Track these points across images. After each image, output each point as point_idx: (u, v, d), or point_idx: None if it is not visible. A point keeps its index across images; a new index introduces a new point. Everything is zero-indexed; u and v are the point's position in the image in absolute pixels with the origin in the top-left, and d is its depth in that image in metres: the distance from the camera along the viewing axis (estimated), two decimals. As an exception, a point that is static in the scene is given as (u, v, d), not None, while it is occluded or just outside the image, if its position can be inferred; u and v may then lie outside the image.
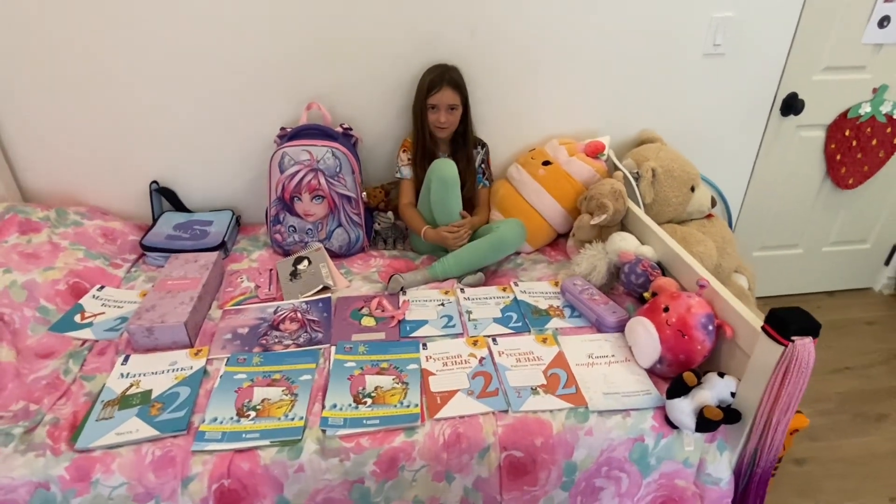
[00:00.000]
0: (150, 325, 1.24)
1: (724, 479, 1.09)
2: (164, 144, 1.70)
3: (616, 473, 1.10)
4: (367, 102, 1.72)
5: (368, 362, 1.22)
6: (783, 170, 2.09)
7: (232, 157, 1.76)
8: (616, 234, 1.45)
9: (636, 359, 1.21)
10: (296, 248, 1.65)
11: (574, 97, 1.83)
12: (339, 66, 1.65)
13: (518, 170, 1.76)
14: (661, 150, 1.72)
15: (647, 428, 1.09)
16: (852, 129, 2.02)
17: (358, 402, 1.12)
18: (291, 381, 1.17)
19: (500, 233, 1.50)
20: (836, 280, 2.44)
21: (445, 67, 1.59)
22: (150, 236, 1.63)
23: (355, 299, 1.46)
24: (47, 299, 1.34)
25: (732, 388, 1.08)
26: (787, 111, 1.95)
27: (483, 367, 1.21)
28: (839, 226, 2.27)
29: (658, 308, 1.18)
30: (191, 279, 1.41)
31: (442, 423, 1.07)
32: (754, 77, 1.87)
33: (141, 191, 1.76)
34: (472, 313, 1.39)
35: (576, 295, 1.40)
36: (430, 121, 1.60)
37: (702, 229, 1.70)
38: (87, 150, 1.67)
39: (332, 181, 1.58)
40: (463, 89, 1.59)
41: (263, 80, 1.64)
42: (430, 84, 1.56)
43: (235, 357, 1.23)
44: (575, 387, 1.16)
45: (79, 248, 1.51)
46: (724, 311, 1.14)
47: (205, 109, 1.66)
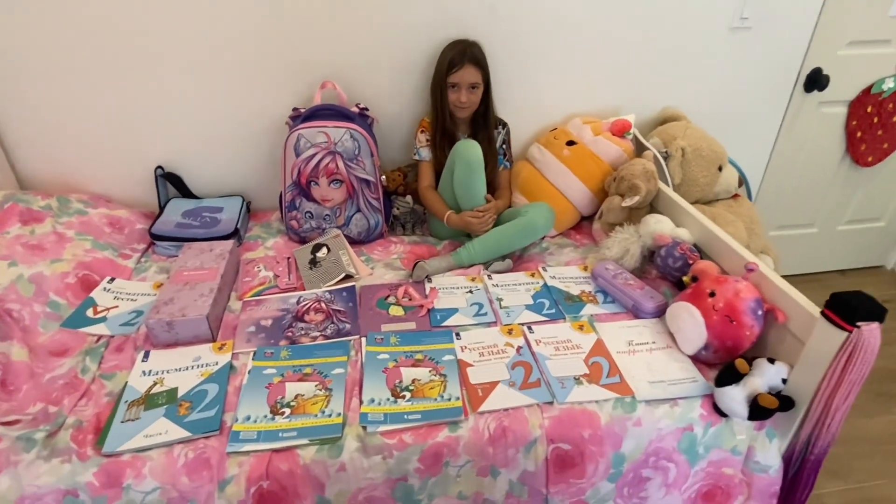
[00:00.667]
0: (170, 319, 1.17)
1: (774, 466, 1.07)
2: (168, 127, 1.62)
3: (664, 463, 1.08)
4: (383, 81, 1.64)
5: (402, 354, 1.18)
6: (803, 148, 2.05)
7: (241, 140, 1.67)
8: (650, 217, 1.40)
9: (679, 345, 1.17)
10: (313, 234, 1.59)
11: (594, 74, 1.76)
12: (354, 43, 1.57)
13: (540, 150, 1.70)
14: (687, 128, 1.67)
15: (696, 417, 1.06)
16: (874, 105, 1.98)
17: (396, 396, 1.07)
18: (324, 375, 1.12)
19: (528, 217, 1.45)
20: (849, 259, 2.43)
21: (467, 43, 1.51)
22: (159, 225, 1.55)
23: (380, 288, 1.40)
24: (57, 293, 1.27)
25: (784, 375, 1.05)
26: (810, 87, 1.90)
27: (522, 357, 1.17)
28: (855, 204, 2.24)
29: (703, 293, 1.14)
30: (208, 269, 1.34)
31: (486, 417, 1.03)
32: (780, 52, 1.82)
33: (145, 176, 1.67)
34: (503, 300, 1.35)
35: (609, 280, 1.36)
36: (451, 100, 1.53)
37: (729, 210, 1.66)
38: (88, 134, 1.58)
39: (350, 164, 1.51)
40: (485, 67, 1.52)
41: (273, 59, 1.55)
42: (451, 61, 1.48)
43: (262, 351, 1.18)
44: (619, 376, 1.12)
45: (86, 239, 1.43)
46: (773, 296, 1.10)
47: (211, 90, 1.57)
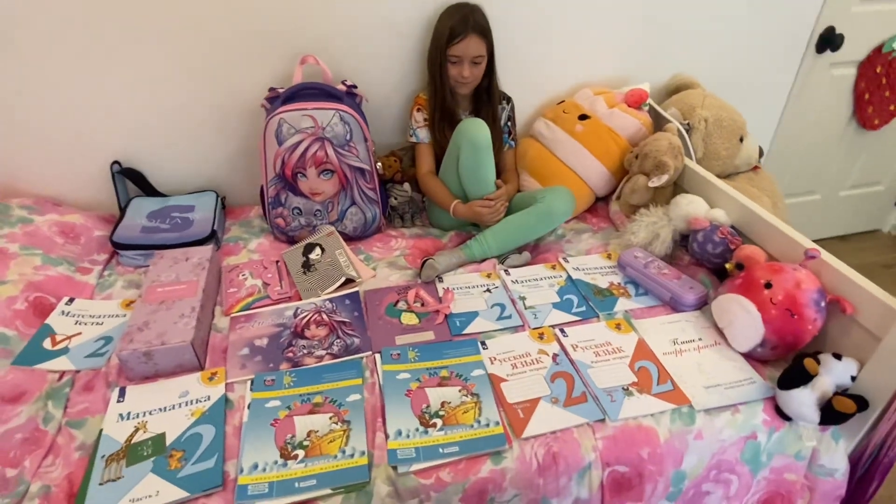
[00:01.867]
0: (147, 348, 0.99)
1: (840, 469, 0.98)
2: (124, 115, 1.39)
3: (726, 476, 0.98)
4: (371, 54, 1.44)
5: (424, 371, 1.03)
6: (811, 112, 1.96)
7: (209, 126, 1.46)
8: (681, 197, 1.28)
9: (730, 342, 1.06)
10: (302, 233, 1.40)
11: (601, 39, 1.61)
12: (336, 9, 1.36)
13: (549, 126, 1.54)
14: (706, 97, 1.54)
15: (759, 423, 0.96)
16: (884, 65, 1.90)
17: (426, 425, 0.93)
18: (338, 405, 0.96)
19: (546, 203, 1.30)
20: (847, 224, 2.40)
21: (468, 9, 1.33)
22: (122, 230, 1.34)
23: (387, 291, 1.24)
24: (4, 323, 1.06)
25: (853, 372, 0.95)
26: (822, 47, 1.79)
27: (560, 367, 1.04)
28: (858, 169, 2.19)
29: (756, 283, 1.03)
30: (186, 283, 1.15)
31: (532, 443, 0.90)
32: (793, 10, 1.70)
33: (99, 173, 1.44)
34: (527, 299, 1.21)
35: (640, 269, 1.24)
36: (452, 75, 1.35)
37: (751, 184, 1.56)
38: (28, 125, 1.34)
39: (341, 151, 1.32)
40: (489, 36, 1.34)
41: (244, 30, 1.33)
42: (452, 31, 1.30)
43: (261, 378, 1.01)
44: (670, 382, 1.00)
45: (34, 253, 1.21)
46: (836, 285, 1.00)
47: (173, 70, 1.35)
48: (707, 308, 1.17)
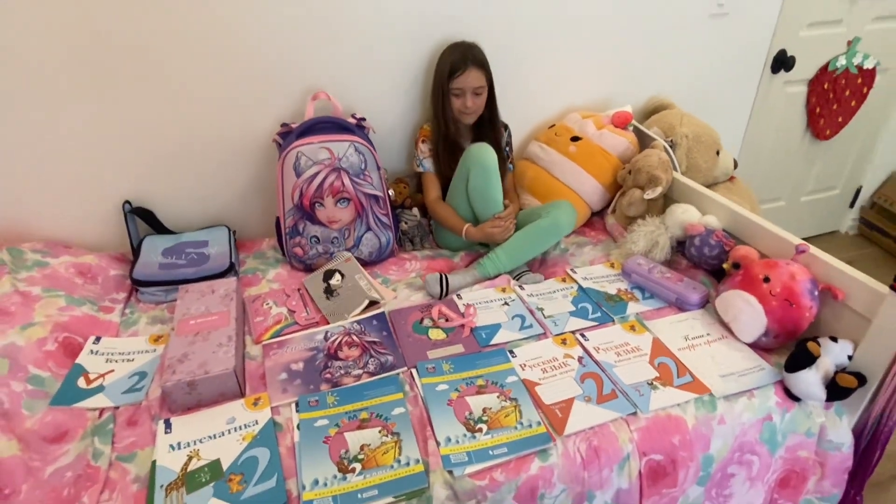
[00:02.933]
0: (191, 378, 1.00)
1: (846, 443, 1.08)
2: (133, 154, 1.41)
3: (748, 457, 1.05)
4: (376, 89, 1.53)
5: (461, 381, 1.08)
6: (771, 126, 2.14)
7: (220, 163, 1.50)
8: (676, 207, 1.39)
9: (737, 334, 1.16)
10: (320, 261, 1.44)
11: (585, 67, 1.74)
12: (342, 49, 1.44)
13: (543, 148, 1.65)
14: (683, 116, 1.68)
15: (773, 405, 1.05)
16: (830, 81, 2.11)
17: (472, 430, 0.97)
18: (385, 419, 1.00)
19: (552, 218, 1.39)
20: (811, 227, 2.60)
21: (467, 45, 1.43)
22: (140, 268, 1.35)
23: (410, 310, 1.29)
24: (37, 365, 1.06)
25: (849, 352, 1.06)
26: (777, 68, 1.99)
27: (586, 368, 1.11)
28: (815, 175, 2.39)
29: (756, 279, 1.13)
30: (217, 314, 1.18)
31: (574, 439, 0.96)
32: (751, 35, 1.89)
33: (110, 213, 1.46)
34: (545, 310, 1.28)
35: (644, 275, 1.33)
36: (455, 107, 1.44)
37: (730, 192, 1.69)
38: (37, 168, 1.35)
39: (357, 181, 1.38)
40: (488, 69, 1.44)
41: (255, 69, 1.40)
42: (453, 66, 1.40)
43: (305, 400, 1.04)
44: (689, 374, 1.09)
45: (57, 295, 1.21)
46: (825, 274, 1.11)
47: (184, 109, 1.39)
48: (710, 307, 1.26)
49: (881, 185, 2.55)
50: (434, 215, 1.53)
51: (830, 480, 1.11)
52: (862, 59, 2.10)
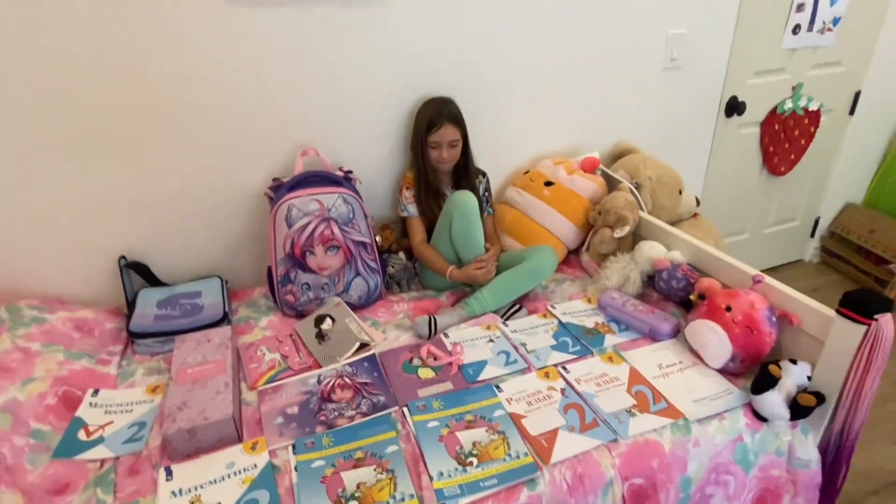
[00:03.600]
0: (191, 425, 1.04)
1: (814, 459, 1.15)
2: (129, 211, 1.48)
3: (724, 478, 1.12)
4: (360, 143, 1.63)
5: (451, 417, 1.13)
6: (730, 165, 2.30)
7: (212, 216, 1.57)
8: (644, 243, 1.50)
9: (706, 361, 1.24)
10: (311, 307, 1.50)
11: (555, 117, 1.88)
12: (328, 108, 1.55)
13: (520, 193, 1.76)
14: (646, 159, 1.82)
15: (743, 426, 1.12)
16: (780, 123, 2.29)
17: (463, 464, 1.02)
18: (379, 457, 1.05)
19: (535, 261, 1.48)
20: (775, 257, 2.74)
21: (443, 102, 1.56)
22: (136, 320, 1.39)
23: (400, 351, 1.35)
24: (38, 420, 1.09)
25: (808, 373, 1.14)
26: (730, 112, 2.16)
27: (569, 399, 1.18)
28: (775, 209, 2.55)
29: (719, 309, 1.23)
30: (214, 362, 1.22)
31: (560, 467, 1.02)
32: (704, 85, 2.06)
33: (103, 269, 1.51)
34: (527, 345, 1.35)
35: (619, 308, 1.42)
36: (432, 157, 1.55)
37: (694, 228, 1.81)
38: (29, 227, 1.40)
39: (345, 229, 1.46)
40: (462, 123, 1.56)
41: (246, 128, 1.49)
42: (430, 122, 1.52)
43: (301, 442, 1.08)
44: (664, 401, 1.16)
45: (56, 350, 1.25)
46: (781, 302, 1.21)
47: (177, 165, 1.47)
48: (681, 336, 1.35)
49: (837, 215, 2.73)
50: (420, 258, 1.62)
51: (803, 497, 1.17)
52: (807, 102, 2.29)
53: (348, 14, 1.45)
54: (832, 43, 2.20)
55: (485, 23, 1.61)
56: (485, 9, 1.60)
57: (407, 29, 1.53)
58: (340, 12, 1.44)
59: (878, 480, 1.63)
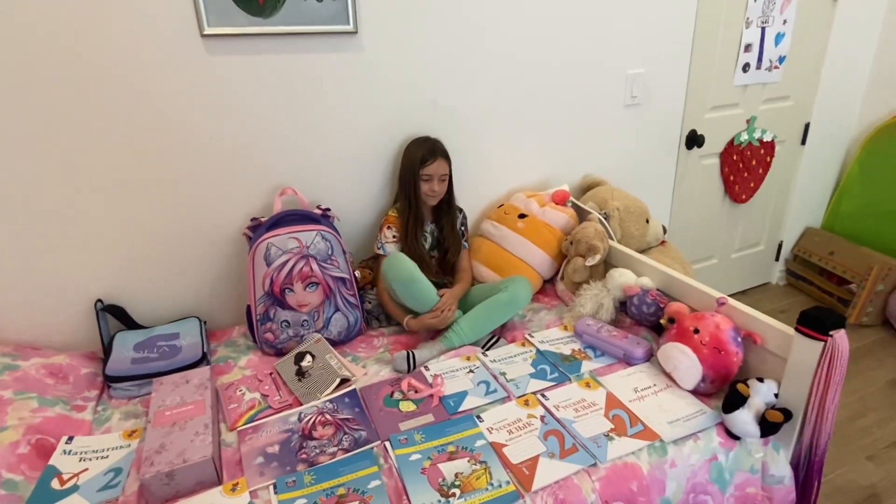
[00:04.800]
0: (170, 468, 1.03)
1: (787, 475, 1.18)
2: (104, 255, 1.48)
3: (702, 497, 1.14)
4: (338, 182, 1.68)
5: (434, 449, 1.14)
6: (693, 194, 2.41)
7: (190, 257, 1.58)
8: (614, 271, 1.55)
9: (679, 382, 1.28)
10: (290, 344, 1.51)
11: (525, 153, 1.96)
12: (306, 150, 1.60)
13: (495, 226, 1.81)
14: (613, 191, 1.90)
15: (717, 446, 1.15)
16: (738, 154, 2.42)
17: (446, 496, 1.03)
18: (362, 493, 1.04)
19: (510, 292, 1.51)
20: (744, 281, 2.84)
21: (432, 140, 1.63)
22: (113, 364, 1.38)
23: (381, 385, 1.36)
24: (10, 469, 1.06)
25: (775, 390, 1.19)
26: (690, 145, 2.28)
27: (548, 426, 1.20)
28: (740, 234, 2.66)
29: (687, 331, 1.28)
30: (193, 403, 1.21)
31: (541, 494, 1.03)
32: (664, 120, 2.18)
33: (79, 313, 1.50)
34: (507, 374, 1.38)
35: (594, 335, 1.46)
36: (423, 190, 1.60)
37: (662, 255, 1.89)
38: (3, 276, 1.39)
39: (324, 265, 1.49)
40: (449, 159, 1.63)
41: (223, 170, 1.53)
42: (424, 157, 1.58)
43: (283, 481, 1.07)
44: (641, 424, 1.19)
45: (29, 397, 1.22)
46: (745, 322, 1.27)
47: (155, 206, 1.49)
48: (654, 359, 1.39)
49: (799, 239, 2.86)
50: (382, 304, 1.63)
51: (780, 514, 1.20)
52: (761, 134, 2.44)
53: (324, 58, 1.52)
54: (779, 79, 2.36)
55: (456, 66, 1.70)
56: (455, 53, 1.69)
57: (382, 71, 1.61)
58: (317, 57, 1.51)
59: (853, 496, 1.66)
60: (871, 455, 1.79)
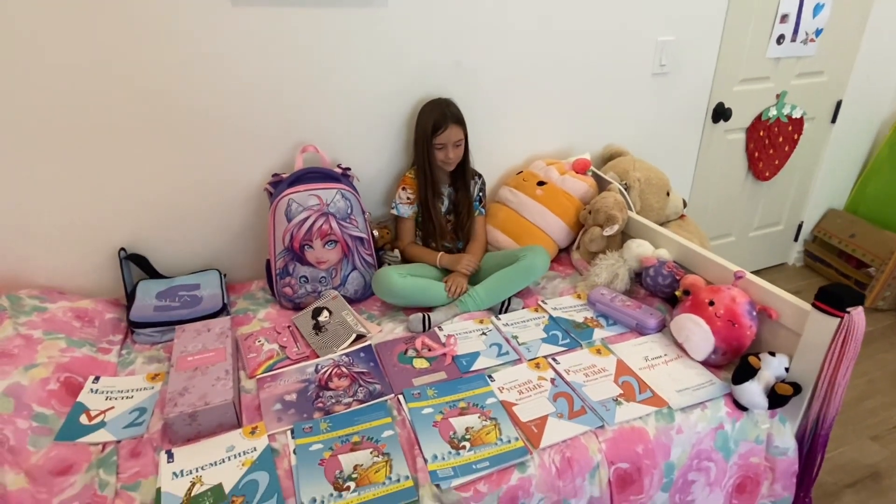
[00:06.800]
0: (192, 410, 1.07)
1: (791, 447, 1.20)
2: (129, 205, 1.51)
3: (705, 464, 1.17)
4: (359, 142, 1.67)
5: (445, 405, 1.17)
6: (716, 170, 2.37)
7: (212, 211, 1.60)
8: (632, 242, 1.55)
9: (690, 353, 1.29)
10: (308, 300, 1.54)
11: (548, 120, 1.93)
12: (328, 107, 1.59)
13: (513, 192, 1.81)
14: (635, 161, 1.88)
15: (724, 415, 1.17)
16: (765, 129, 2.36)
17: (456, 448, 1.06)
18: (376, 441, 1.08)
19: (528, 261, 1.52)
20: (760, 260, 2.81)
21: (445, 104, 1.60)
22: (136, 310, 1.42)
23: (395, 343, 1.39)
24: (41, 404, 1.11)
25: (786, 364, 1.20)
26: (717, 118, 2.23)
27: (558, 388, 1.22)
28: (760, 213, 2.62)
29: (702, 303, 1.28)
30: (214, 350, 1.25)
31: (549, 452, 1.06)
32: (691, 91, 2.13)
33: (103, 261, 1.54)
34: (519, 338, 1.40)
35: (607, 304, 1.47)
36: (438, 158, 1.59)
37: (681, 229, 1.87)
38: (29, 219, 1.42)
39: (343, 224, 1.50)
40: (464, 123, 1.61)
41: (247, 125, 1.53)
42: (436, 124, 1.56)
43: (300, 427, 1.11)
44: (650, 391, 1.21)
45: (58, 337, 1.27)
46: (761, 297, 1.27)
47: (179, 160, 1.50)
48: (667, 330, 1.40)
49: (820, 220, 2.81)
50: (409, 257, 1.66)
51: (781, 484, 1.22)
52: (790, 110, 2.37)
53: (350, 13, 1.50)
54: (814, 53, 2.28)
55: (482, 27, 1.67)
56: (482, 14, 1.65)
57: (407, 29, 1.58)
58: (342, 12, 1.49)
59: (855, 473, 1.69)
60: (875, 435, 1.81)
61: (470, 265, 1.59)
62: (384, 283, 1.47)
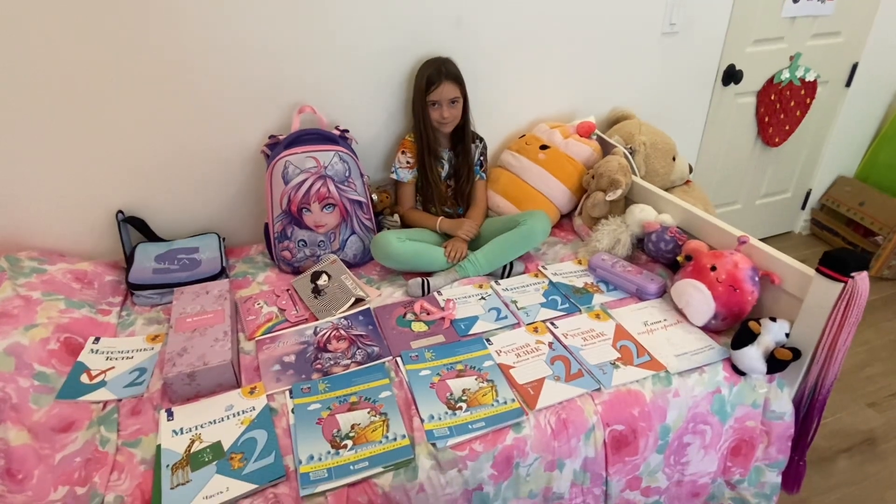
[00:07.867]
0: (191, 370, 1.08)
1: (788, 412, 1.20)
2: (126, 167, 1.49)
3: (701, 427, 1.17)
4: (357, 103, 1.63)
5: (443, 367, 1.18)
6: (724, 135, 2.32)
7: (209, 174, 1.58)
8: (635, 207, 1.52)
9: (690, 318, 1.28)
10: (307, 263, 1.53)
11: (551, 82, 1.88)
12: (325, 67, 1.55)
13: (515, 156, 1.77)
14: (641, 125, 1.83)
15: (721, 380, 1.17)
16: (776, 93, 2.29)
17: (453, 409, 1.07)
18: (373, 401, 1.09)
19: (529, 226, 1.50)
20: (766, 228, 2.78)
21: (441, 60, 1.55)
22: (135, 273, 1.42)
23: (394, 307, 1.39)
24: (41, 363, 1.12)
25: (786, 330, 1.19)
26: (727, 81, 2.16)
27: (556, 352, 1.22)
28: (768, 180, 2.57)
29: (704, 268, 1.26)
30: (213, 312, 1.26)
31: (545, 413, 1.07)
32: (702, 51, 2.06)
33: (101, 223, 1.53)
34: (518, 302, 1.39)
35: (608, 269, 1.45)
36: (433, 117, 1.56)
37: (685, 195, 1.84)
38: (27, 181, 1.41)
39: (341, 187, 1.48)
40: (461, 81, 1.56)
41: (243, 86, 1.49)
42: (429, 80, 1.52)
43: (298, 387, 1.12)
44: (648, 355, 1.20)
45: (57, 298, 1.27)
46: (764, 262, 1.25)
47: (175, 122, 1.47)
48: (667, 296, 1.39)
49: (829, 188, 2.76)
50: (409, 222, 1.64)
51: (776, 447, 1.23)
52: (804, 73, 2.29)
53: (345, -32, 1.44)
54: (832, 12, 2.19)
55: (483, -19, 1.60)
56: (483, -33, 1.58)
57: (405, -15, 1.52)
58: (337, -34, 1.43)
59: (850, 439, 1.70)
60: (872, 402, 1.82)
61: (470, 231, 1.57)
62: (383, 248, 1.46)
